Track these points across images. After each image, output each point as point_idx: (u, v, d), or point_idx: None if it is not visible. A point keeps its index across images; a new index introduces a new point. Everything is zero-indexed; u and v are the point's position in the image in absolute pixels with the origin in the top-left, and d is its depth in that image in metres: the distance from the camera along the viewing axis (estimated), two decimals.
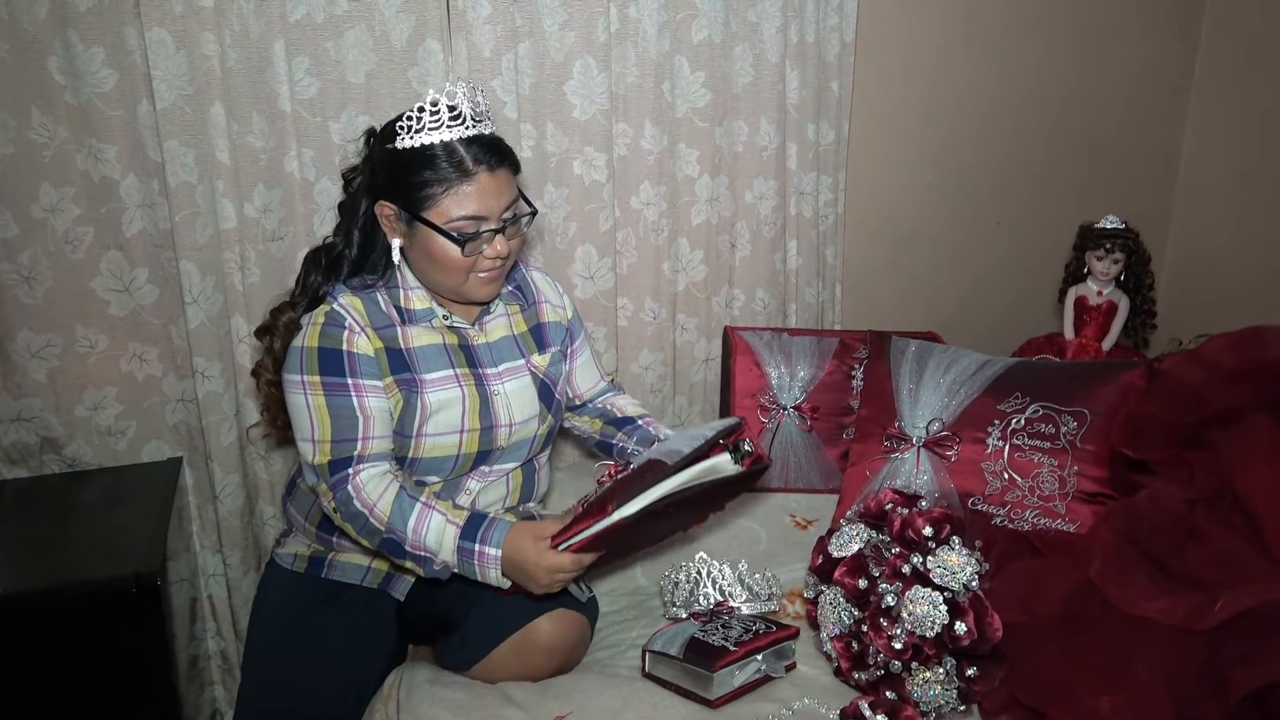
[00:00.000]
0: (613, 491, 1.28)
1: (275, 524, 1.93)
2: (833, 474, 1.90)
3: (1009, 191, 2.44)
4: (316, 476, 1.38)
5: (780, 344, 1.93)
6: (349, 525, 1.37)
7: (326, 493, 1.37)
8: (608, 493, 1.28)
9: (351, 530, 1.38)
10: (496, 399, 1.52)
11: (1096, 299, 2.01)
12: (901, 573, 1.29)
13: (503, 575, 1.34)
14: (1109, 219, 1.97)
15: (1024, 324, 2.41)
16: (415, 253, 1.45)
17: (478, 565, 1.35)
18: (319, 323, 1.42)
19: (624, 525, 1.25)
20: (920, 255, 2.42)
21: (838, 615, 1.33)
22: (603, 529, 1.26)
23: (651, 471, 1.29)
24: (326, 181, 1.80)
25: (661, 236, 2.08)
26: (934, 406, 1.66)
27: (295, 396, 1.40)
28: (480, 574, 1.35)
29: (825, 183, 2.19)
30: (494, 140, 1.42)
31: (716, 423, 1.43)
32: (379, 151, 1.44)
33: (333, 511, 1.38)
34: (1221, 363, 1.63)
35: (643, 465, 1.31)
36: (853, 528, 1.40)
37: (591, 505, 1.28)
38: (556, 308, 1.68)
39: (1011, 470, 1.57)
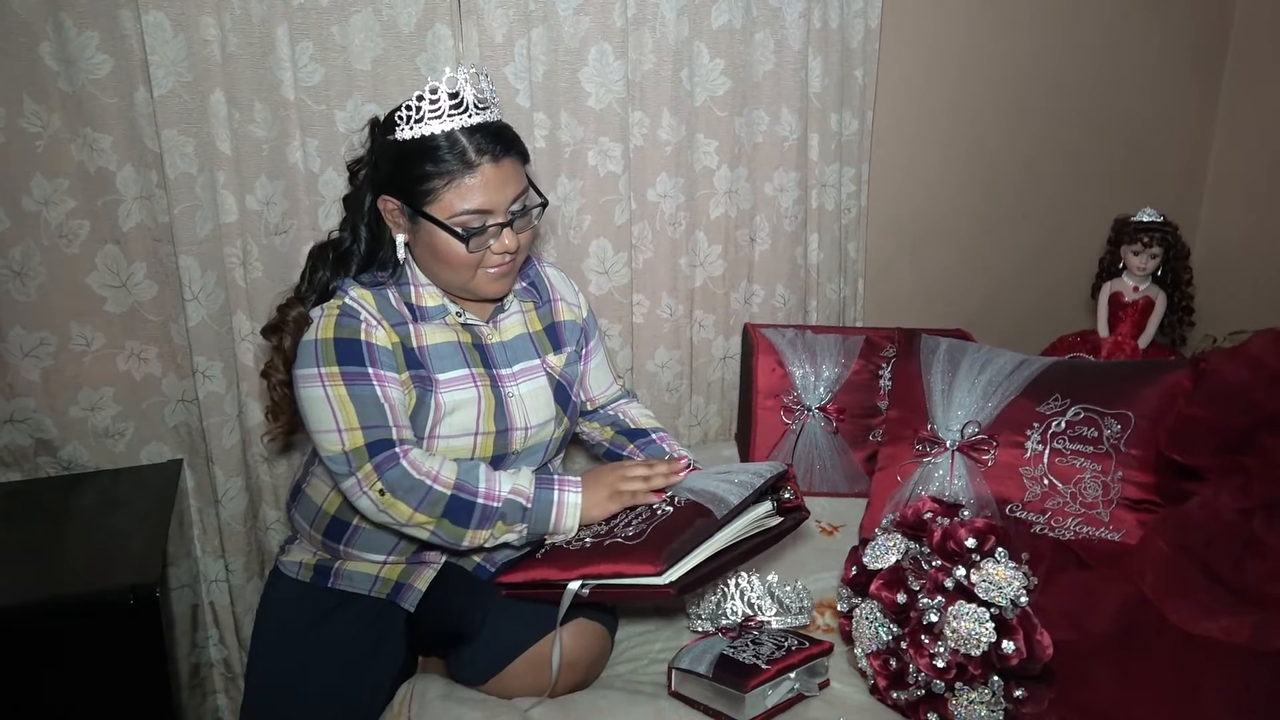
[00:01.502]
0: (656, 540, 1.20)
1: (279, 529, 1.86)
2: (859, 477, 1.83)
3: (1035, 184, 2.36)
4: (350, 464, 1.30)
5: (804, 342, 1.85)
6: (403, 504, 1.28)
7: (370, 475, 1.29)
8: (650, 540, 1.21)
9: (404, 509, 1.28)
10: (511, 401, 1.45)
11: (1132, 295, 1.93)
12: (944, 587, 1.22)
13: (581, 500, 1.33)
14: (1146, 211, 1.89)
15: (1052, 321, 2.33)
16: (420, 249, 1.38)
17: (557, 490, 1.33)
18: (333, 314, 1.35)
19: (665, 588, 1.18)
20: (945, 249, 2.34)
21: (874, 631, 1.26)
22: (645, 587, 1.18)
23: (698, 520, 1.22)
24: (332, 173, 1.73)
25: (679, 230, 2.00)
26: (969, 408, 1.58)
27: (312, 390, 1.33)
28: (557, 501, 1.33)
29: (848, 174, 2.11)
30: (498, 128, 1.34)
31: (762, 467, 1.37)
32: (380, 143, 1.36)
33: (378, 494, 1.29)
34: (1267, 362, 1.55)
35: (686, 510, 1.25)
36: (888, 538, 1.32)
37: (635, 548, 1.20)
38: (572, 305, 1.61)
39: (1052, 476, 1.49)
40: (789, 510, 1.37)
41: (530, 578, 1.30)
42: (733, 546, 1.26)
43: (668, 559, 1.16)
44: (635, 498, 1.34)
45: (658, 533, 1.21)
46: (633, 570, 1.17)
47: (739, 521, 1.26)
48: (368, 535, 1.44)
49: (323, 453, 1.34)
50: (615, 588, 1.21)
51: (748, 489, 1.29)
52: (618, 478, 1.36)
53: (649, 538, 1.21)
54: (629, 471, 1.36)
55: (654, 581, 1.16)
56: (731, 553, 1.25)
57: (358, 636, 1.43)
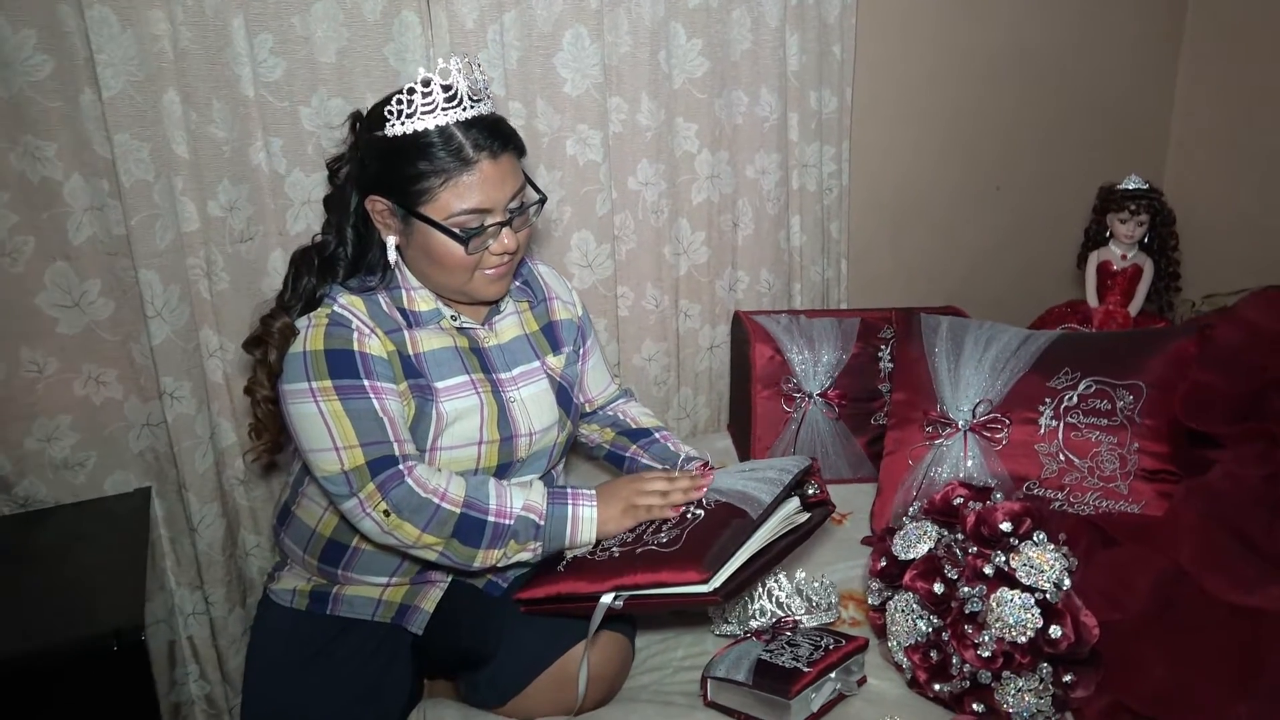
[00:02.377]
0: (694, 545, 1.14)
1: (260, 554, 1.76)
2: (861, 462, 1.80)
3: (1012, 156, 2.34)
4: (351, 484, 1.22)
5: (799, 327, 1.81)
6: (409, 525, 1.21)
7: (373, 495, 1.21)
8: (689, 546, 1.14)
9: (411, 530, 1.21)
10: (514, 406, 1.38)
11: (1121, 263, 1.92)
12: (983, 574, 1.19)
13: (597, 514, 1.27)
14: (1131, 179, 1.88)
15: (1034, 294, 2.33)
16: (413, 251, 1.30)
17: (570, 505, 1.26)
18: (321, 323, 1.26)
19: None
20: (924, 226, 2.32)
21: (912, 623, 1.22)
22: (688, 596, 1.12)
23: (734, 522, 1.17)
24: (299, 173, 1.62)
25: (661, 218, 1.94)
26: (978, 387, 1.55)
27: (303, 406, 1.24)
28: (571, 517, 1.26)
29: (828, 153, 2.07)
30: (495, 122, 1.26)
31: (787, 462, 1.32)
32: (366, 139, 1.27)
33: (383, 516, 1.21)
34: (1263, 325, 1.56)
35: (719, 512, 1.19)
36: (918, 526, 1.28)
37: (673, 555, 1.14)
38: (567, 304, 1.54)
39: (1068, 451, 1.47)
40: (814, 505, 1.32)
41: (555, 592, 1.23)
42: (768, 547, 1.20)
43: (711, 564, 1.10)
44: (652, 512, 1.27)
45: (694, 538, 1.15)
46: (675, 579, 1.11)
47: (772, 520, 1.21)
48: (368, 557, 1.35)
49: (319, 473, 1.26)
50: (653, 598, 1.15)
51: (778, 486, 1.24)
52: (634, 491, 1.29)
53: (686, 543, 1.15)
54: (646, 485, 1.29)
55: (699, 590, 1.10)
56: (767, 553, 1.19)
57: (362, 665, 1.35)
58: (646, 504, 1.27)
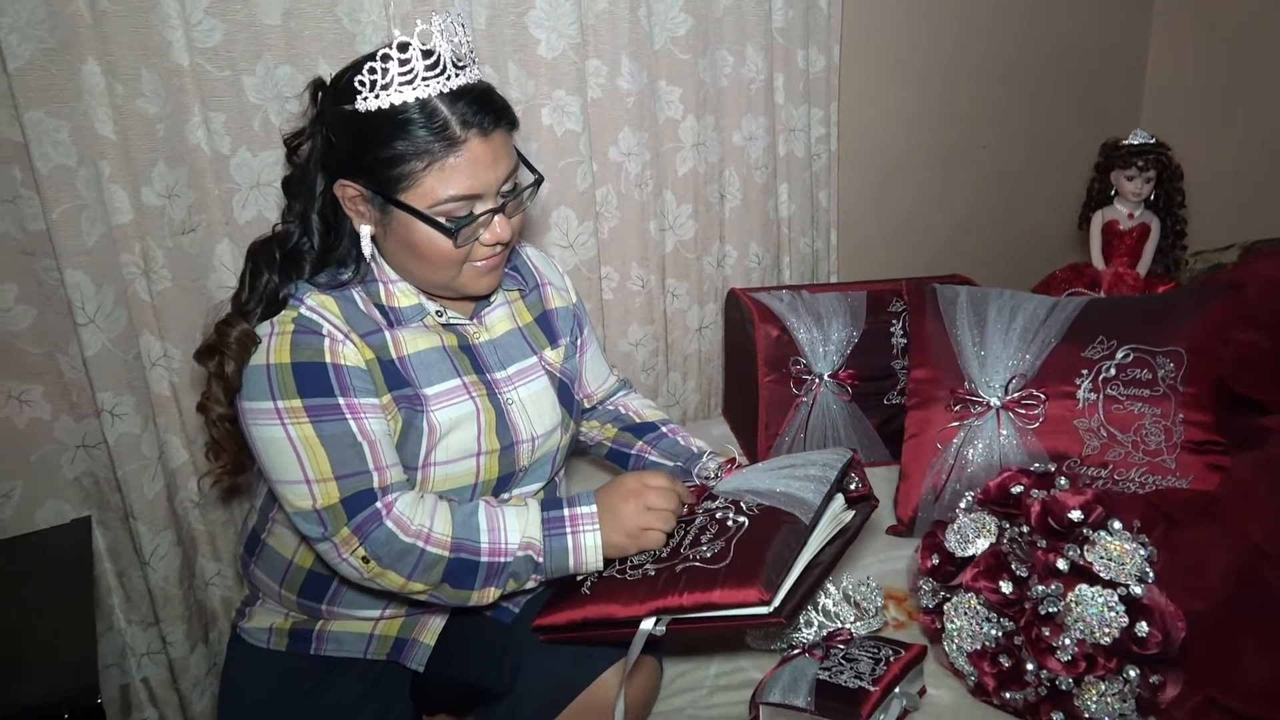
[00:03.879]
0: (746, 559, 1.00)
1: (222, 583, 1.57)
2: (875, 445, 1.68)
3: (994, 113, 2.24)
4: (325, 525, 1.06)
5: (804, 303, 1.68)
6: (392, 572, 1.06)
7: (349, 540, 1.05)
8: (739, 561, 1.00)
9: (395, 579, 1.06)
10: (512, 409, 1.22)
11: (1128, 222, 1.84)
12: (1057, 570, 1.08)
13: (601, 540, 1.10)
14: (1137, 133, 1.79)
15: (1028, 258, 2.25)
16: (392, 243, 1.13)
17: (570, 534, 1.10)
18: (286, 330, 1.08)
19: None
20: (912, 192, 2.21)
21: (977, 627, 1.11)
22: (744, 619, 0.99)
23: (784, 529, 1.04)
24: (245, 153, 1.42)
25: (646, 191, 1.78)
26: (1008, 361, 1.45)
27: (268, 430, 1.06)
28: (573, 547, 1.09)
29: (816, 116, 1.94)
30: (484, 92, 1.09)
31: (826, 455, 1.18)
32: (333, 114, 1.09)
33: (361, 563, 1.06)
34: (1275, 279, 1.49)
35: (765, 519, 1.05)
36: (974, 518, 1.17)
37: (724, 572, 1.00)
38: (560, 290, 1.38)
39: (1110, 425, 1.38)
40: (855, 501, 1.20)
41: (580, 617, 1.09)
42: (819, 554, 1.07)
43: (770, 581, 0.97)
44: (664, 518, 1.12)
45: (744, 549, 1.02)
46: (729, 599, 0.97)
47: (822, 523, 1.09)
48: (356, 590, 1.19)
49: (288, 508, 1.09)
50: (700, 621, 1.01)
51: (824, 483, 1.11)
52: (638, 507, 1.11)
53: (736, 558, 1.01)
54: (651, 500, 1.12)
55: (759, 611, 0.97)
56: (820, 562, 1.07)
57: (356, 710, 1.19)
58: (653, 526, 1.11)
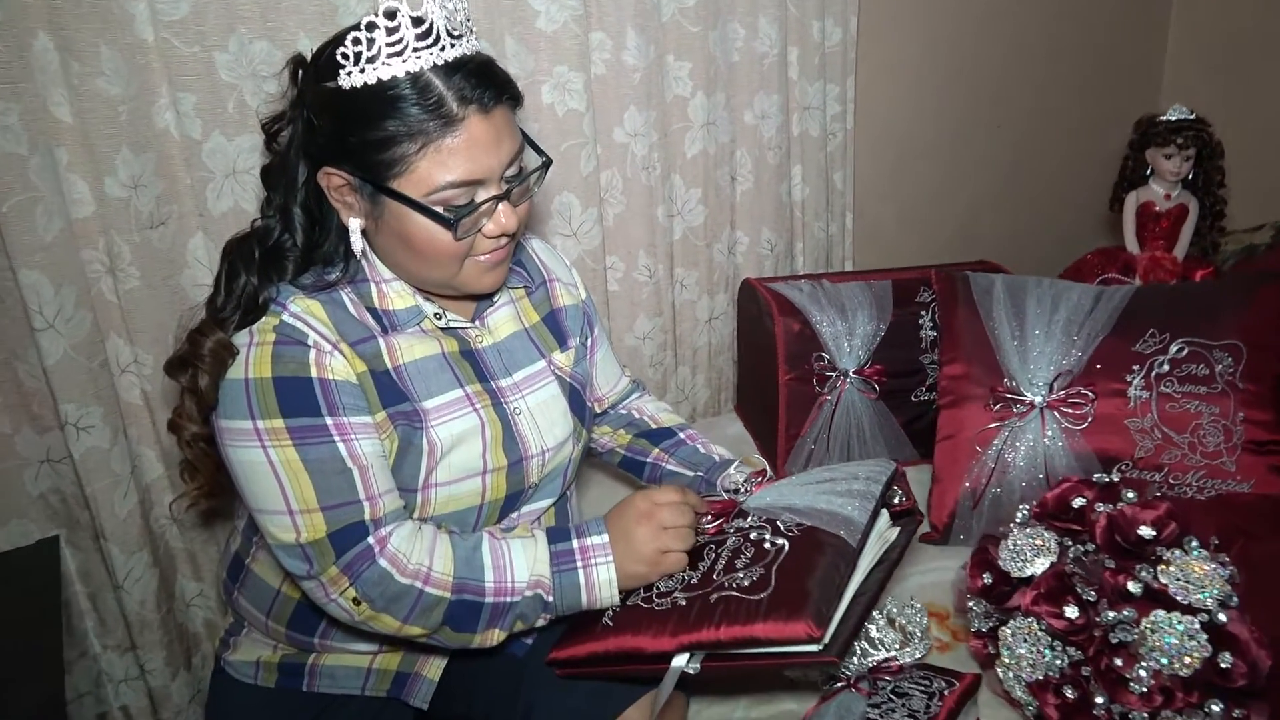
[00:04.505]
0: (790, 589, 0.90)
1: (204, 605, 1.46)
2: (902, 444, 1.58)
3: (1009, 91, 2.13)
4: (310, 562, 0.94)
5: (826, 294, 1.57)
6: (387, 615, 0.95)
7: (337, 579, 0.94)
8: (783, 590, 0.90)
9: (390, 622, 0.96)
10: (520, 420, 1.11)
11: (1164, 203, 1.73)
12: (1129, 593, 0.98)
13: (615, 572, 0.99)
14: (1175, 109, 1.68)
15: (1055, 240, 2.14)
16: (385, 237, 1.01)
17: (581, 569, 0.99)
18: (267, 340, 0.96)
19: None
20: (930, 173, 2.10)
21: (1038, 655, 1.01)
22: (789, 656, 0.88)
23: (828, 552, 0.93)
24: (219, 137, 1.29)
25: (653, 175, 1.66)
26: (1052, 356, 1.34)
27: (247, 452, 0.95)
28: (585, 583, 0.99)
29: (832, 93, 1.82)
30: (484, 64, 0.97)
31: (868, 467, 1.08)
32: (315, 93, 0.96)
33: (352, 604, 0.95)
34: None
35: (806, 541, 0.95)
36: (1031, 534, 1.07)
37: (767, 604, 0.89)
38: (569, 286, 1.27)
39: (1165, 426, 1.28)
40: (899, 516, 1.09)
41: (602, 650, 0.98)
42: (865, 580, 0.97)
43: (819, 614, 0.86)
44: (681, 537, 1.01)
45: (787, 578, 0.91)
46: (774, 634, 0.87)
47: (870, 545, 0.98)
48: None
49: (269, 539, 0.97)
50: (740, 657, 0.91)
51: (869, 499, 1.01)
52: (652, 529, 1.00)
53: (779, 587, 0.90)
54: (665, 518, 1.01)
55: (809, 649, 0.86)
56: (867, 588, 0.96)
57: None
58: (673, 545, 1.01)
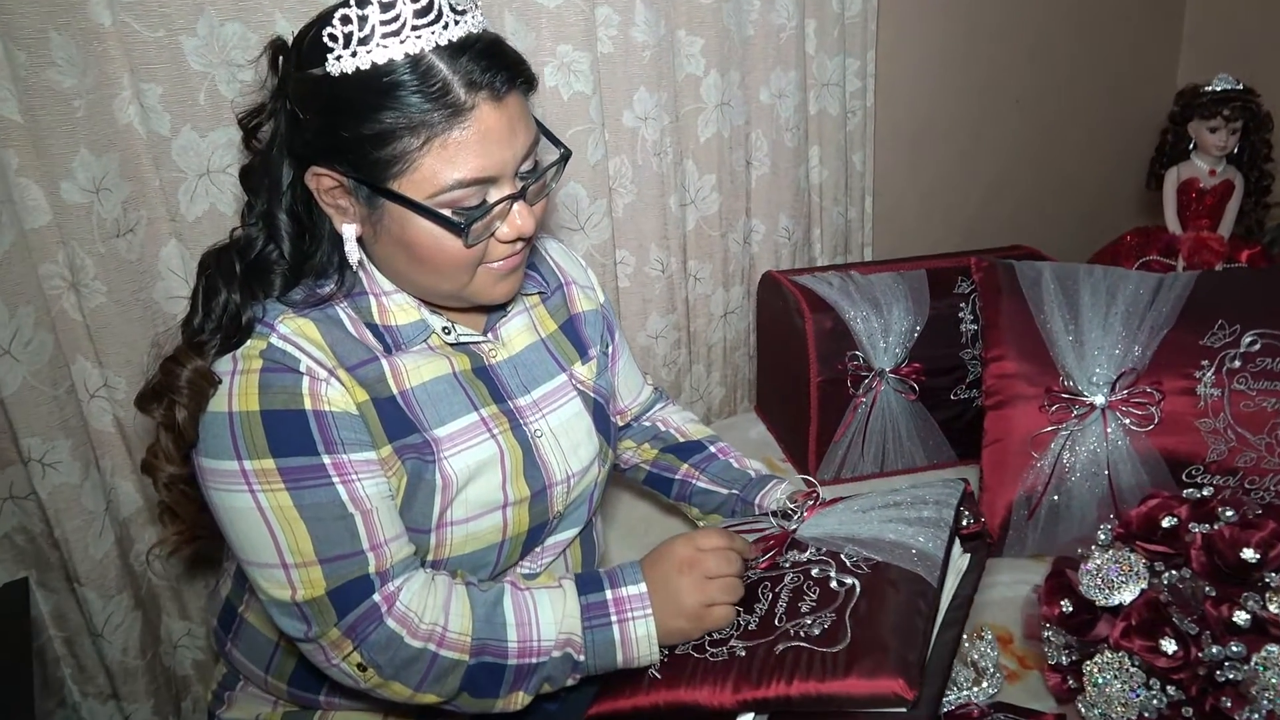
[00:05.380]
0: (871, 638, 0.79)
1: (192, 644, 1.34)
2: (940, 446, 1.48)
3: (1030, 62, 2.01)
4: (309, 622, 0.83)
5: (857, 287, 1.45)
6: (397, 683, 0.84)
7: (340, 643, 0.83)
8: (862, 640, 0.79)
9: (401, 690, 0.85)
10: (541, 444, 0.99)
11: (1209, 180, 1.63)
12: (1234, 625, 0.88)
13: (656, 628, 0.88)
14: (1221, 78, 1.58)
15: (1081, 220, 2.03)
16: (384, 245, 0.88)
17: (617, 623, 0.88)
18: (253, 368, 0.84)
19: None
20: (948, 152, 1.99)
21: (1131, 694, 0.91)
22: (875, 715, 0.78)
23: (905, 593, 0.83)
24: (190, 133, 1.15)
25: (665, 161, 1.54)
26: (1113, 351, 1.24)
27: (233, 497, 0.83)
28: (620, 639, 0.88)
29: (852, 68, 1.70)
30: (493, 44, 0.84)
31: (935, 489, 0.97)
32: (299, 82, 0.83)
33: (357, 671, 0.84)
34: None
35: (879, 580, 0.85)
36: (1114, 558, 0.97)
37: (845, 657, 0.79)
38: (587, 290, 1.15)
39: (1239, 425, 1.18)
40: (967, 539, 0.99)
41: (648, 704, 0.88)
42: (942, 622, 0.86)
43: (909, 671, 0.76)
44: (728, 588, 0.90)
45: (864, 626, 0.80)
46: (857, 692, 0.76)
47: (949, 581, 0.88)
48: None
49: (260, 595, 0.86)
50: (814, 718, 0.80)
51: (942, 528, 0.90)
52: (696, 579, 0.90)
53: (857, 637, 0.80)
54: (710, 567, 0.90)
55: (897, 710, 0.76)
56: (946, 632, 0.86)
57: None
58: (722, 596, 0.90)
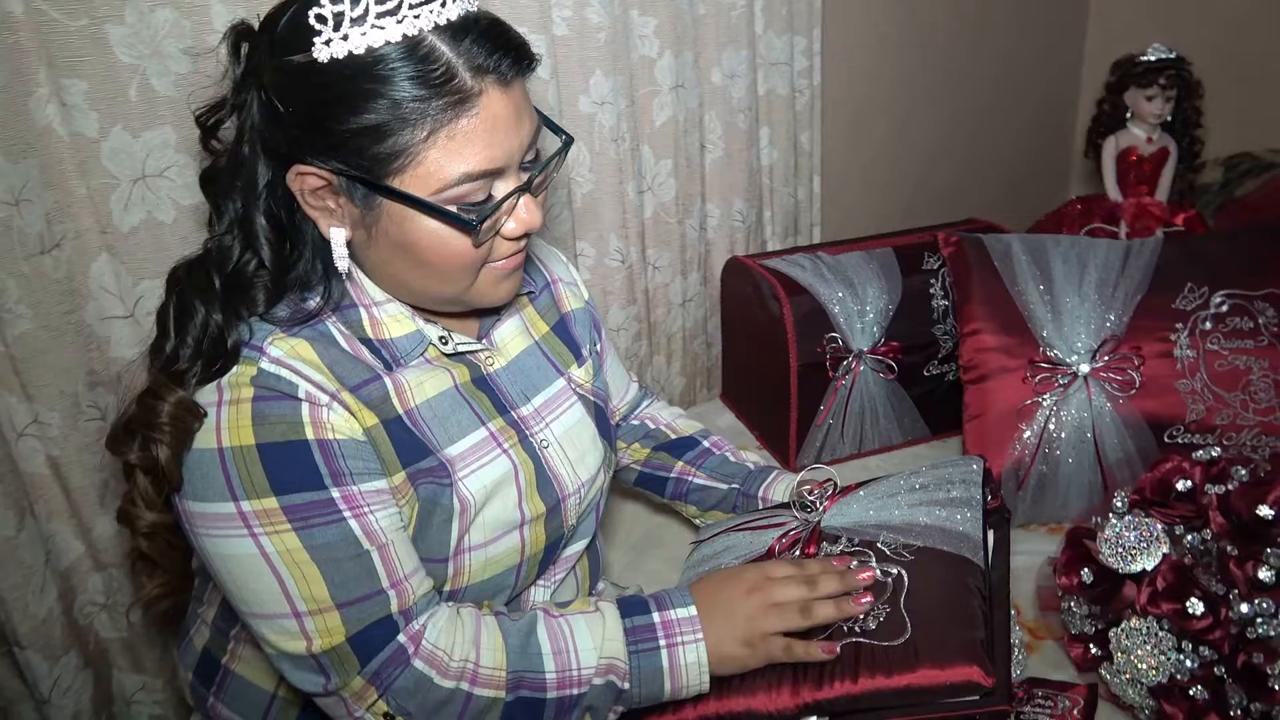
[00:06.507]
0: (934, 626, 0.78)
1: (148, 700, 1.22)
2: (915, 424, 1.48)
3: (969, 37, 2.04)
4: (328, 674, 0.76)
5: (828, 268, 1.43)
6: None
7: (364, 692, 0.76)
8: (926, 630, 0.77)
9: None
10: (549, 455, 0.93)
11: (1148, 147, 1.68)
12: (1259, 582, 0.89)
13: (707, 654, 0.81)
14: (1154, 48, 1.62)
15: (1008, 191, 2.08)
16: (380, 249, 0.81)
17: (665, 649, 0.81)
18: (243, 398, 0.75)
19: None
20: (885, 129, 1.99)
21: (1164, 658, 0.92)
22: (956, 706, 0.76)
23: (953, 578, 0.83)
24: (121, 133, 1.03)
25: (623, 147, 1.48)
26: (1091, 318, 1.25)
27: (231, 544, 0.75)
28: (670, 667, 0.81)
29: (799, 46, 1.68)
30: (494, 24, 0.77)
31: (955, 468, 0.96)
32: (278, 70, 0.74)
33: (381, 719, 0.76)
34: None
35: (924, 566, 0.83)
36: (1133, 524, 0.97)
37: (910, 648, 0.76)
38: (571, 287, 1.10)
39: (1215, 385, 1.21)
40: (989, 515, 0.98)
41: (696, 716, 0.83)
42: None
43: (983, 657, 0.74)
44: (789, 618, 0.82)
45: (923, 614, 0.78)
46: (932, 682, 0.74)
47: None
48: None
49: (268, 649, 0.78)
50: (881, 715, 0.77)
51: (975, 508, 0.89)
52: (759, 605, 0.82)
53: (919, 626, 0.77)
54: (777, 594, 0.83)
55: (970, 698, 0.74)
56: (997, 612, 0.84)
57: None
58: (782, 625, 0.83)
